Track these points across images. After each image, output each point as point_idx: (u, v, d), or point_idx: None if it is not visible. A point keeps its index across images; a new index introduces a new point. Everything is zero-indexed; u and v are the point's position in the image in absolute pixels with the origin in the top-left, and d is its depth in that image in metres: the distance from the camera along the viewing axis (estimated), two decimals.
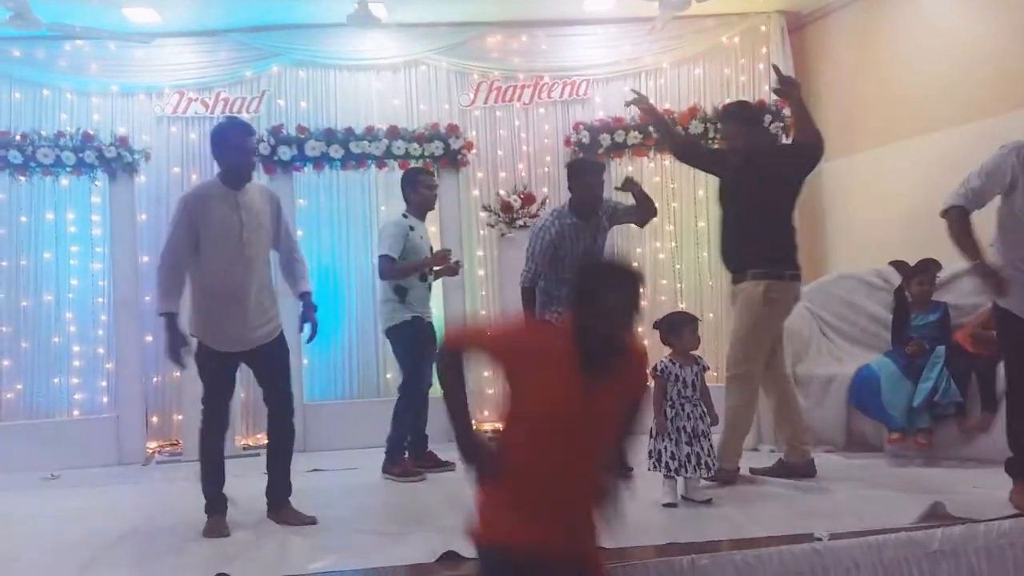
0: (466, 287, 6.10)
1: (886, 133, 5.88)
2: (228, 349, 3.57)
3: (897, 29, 5.84)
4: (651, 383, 3.72)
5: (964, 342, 4.28)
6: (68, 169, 5.70)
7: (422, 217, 4.85)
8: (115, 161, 5.67)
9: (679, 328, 3.74)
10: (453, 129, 5.98)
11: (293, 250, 3.83)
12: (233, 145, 3.56)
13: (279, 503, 3.68)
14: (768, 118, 5.65)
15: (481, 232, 6.47)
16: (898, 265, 4.93)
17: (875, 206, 5.91)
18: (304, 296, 3.76)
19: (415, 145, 5.93)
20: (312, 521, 3.59)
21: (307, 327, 3.74)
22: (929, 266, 4.54)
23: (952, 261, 4.78)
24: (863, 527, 3.00)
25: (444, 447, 4.40)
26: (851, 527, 3.01)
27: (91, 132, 5.72)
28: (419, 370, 4.69)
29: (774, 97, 6.03)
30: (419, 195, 4.78)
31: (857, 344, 5.10)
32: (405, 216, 4.77)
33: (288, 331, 3.82)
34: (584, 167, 4.45)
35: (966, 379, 4.16)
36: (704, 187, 6.44)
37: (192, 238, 3.49)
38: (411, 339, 4.69)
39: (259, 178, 5.19)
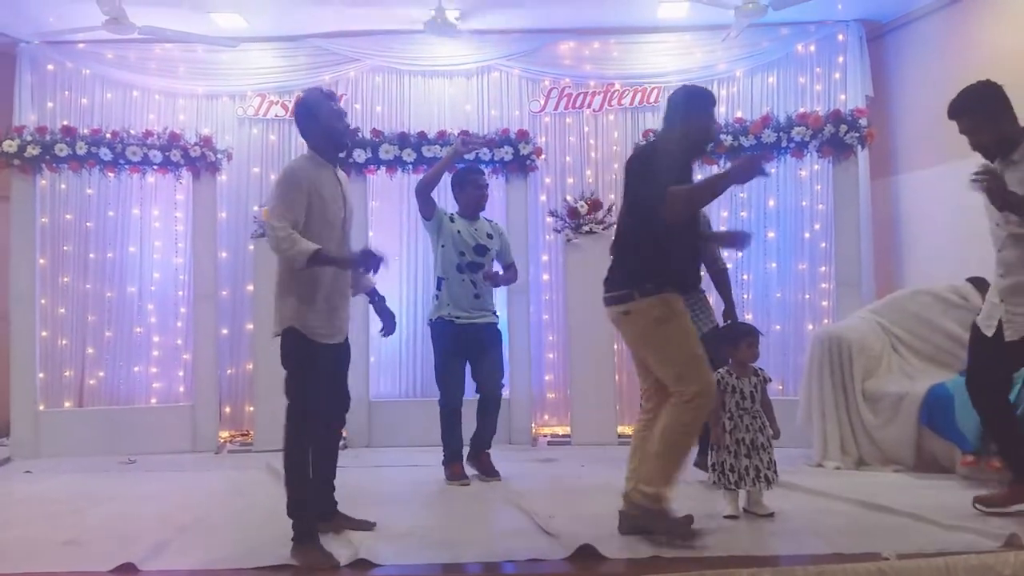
0: (531, 291, 6.12)
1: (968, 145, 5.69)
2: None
3: (984, 37, 5.66)
4: None
5: None
6: (155, 167, 5.92)
7: (472, 216, 4.74)
8: (199, 160, 5.88)
9: (737, 340, 3.71)
10: (523, 135, 6.03)
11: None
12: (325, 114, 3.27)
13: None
14: (844, 128, 5.53)
15: (547, 237, 6.52)
16: (975, 282, 4.78)
17: (954, 220, 5.73)
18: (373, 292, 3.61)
19: (485, 150, 5.99)
20: (368, 526, 3.46)
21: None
22: None
23: None
24: (932, 549, 2.93)
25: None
26: (919, 548, 2.94)
27: (177, 132, 5.95)
28: (440, 380, 4.61)
29: (850, 107, 5.95)
30: (466, 195, 4.72)
31: (930, 362, 4.96)
32: (452, 219, 4.67)
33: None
34: None
35: None
36: (775, 197, 6.36)
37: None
38: (437, 340, 4.64)
39: None
